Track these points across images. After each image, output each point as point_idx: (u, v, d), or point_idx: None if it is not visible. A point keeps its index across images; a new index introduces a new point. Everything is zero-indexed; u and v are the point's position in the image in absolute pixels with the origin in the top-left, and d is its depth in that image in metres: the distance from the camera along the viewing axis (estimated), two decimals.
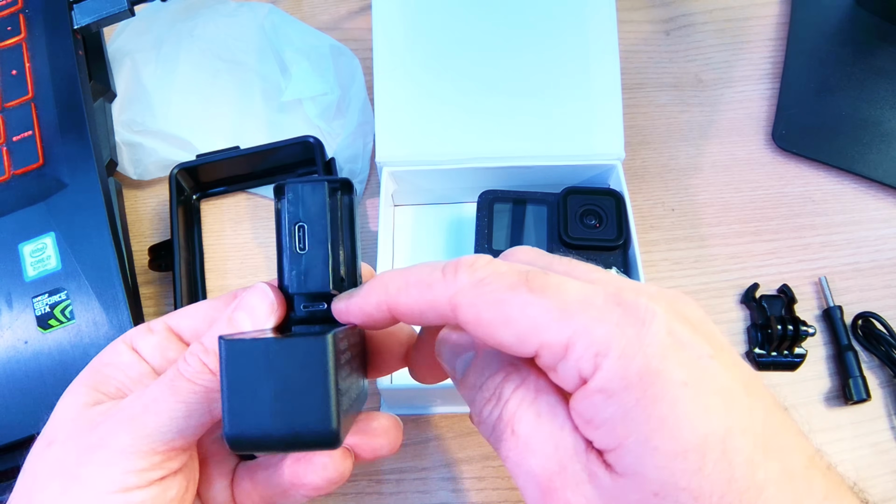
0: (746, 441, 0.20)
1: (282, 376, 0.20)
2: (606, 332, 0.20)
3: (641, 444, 0.20)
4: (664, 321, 0.21)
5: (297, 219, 0.24)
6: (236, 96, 0.50)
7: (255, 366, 0.20)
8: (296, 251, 0.24)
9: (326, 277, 0.24)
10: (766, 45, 0.52)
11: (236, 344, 0.20)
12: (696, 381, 0.20)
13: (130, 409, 0.24)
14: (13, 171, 0.42)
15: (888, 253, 0.46)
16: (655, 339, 0.20)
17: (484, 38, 0.45)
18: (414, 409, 0.41)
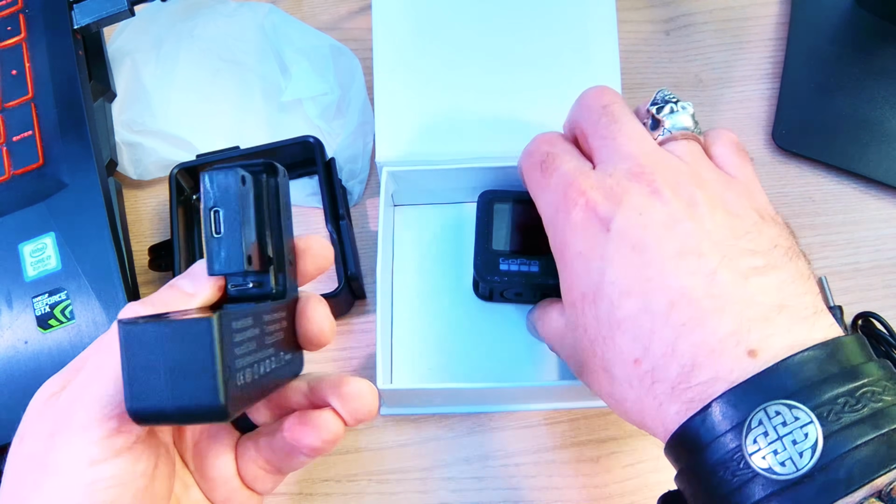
0: (612, 291, 0.28)
1: (173, 355, 0.21)
2: (550, 211, 0.32)
3: (563, 297, 0.32)
4: (583, 205, 0.30)
5: (211, 204, 0.25)
6: (236, 96, 0.50)
7: (149, 346, 0.22)
8: (212, 235, 0.25)
9: (240, 258, 0.25)
10: (766, 45, 0.52)
11: (131, 327, 0.22)
12: (588, 249, 0.29)
13: (80, 383, 0.25)
14: (13, 171, 0.42)
15: (888, 253, 0.46)
16: (572, 219, 0.30)
17: (484, 37, 0.45)
18: (414, 409, 0.41)
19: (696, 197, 0.29)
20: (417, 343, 0.43)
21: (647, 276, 0.27)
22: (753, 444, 0.23)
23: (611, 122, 0.32)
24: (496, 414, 0.41)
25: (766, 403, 0.23)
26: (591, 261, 0.29)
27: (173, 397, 0.21)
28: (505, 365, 0.42)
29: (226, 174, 0.25)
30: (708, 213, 0.28)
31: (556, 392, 0.40)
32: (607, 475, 0.39)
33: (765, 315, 0.26)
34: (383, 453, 0.41)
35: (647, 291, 0.27)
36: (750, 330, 0.25)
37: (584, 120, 0.33)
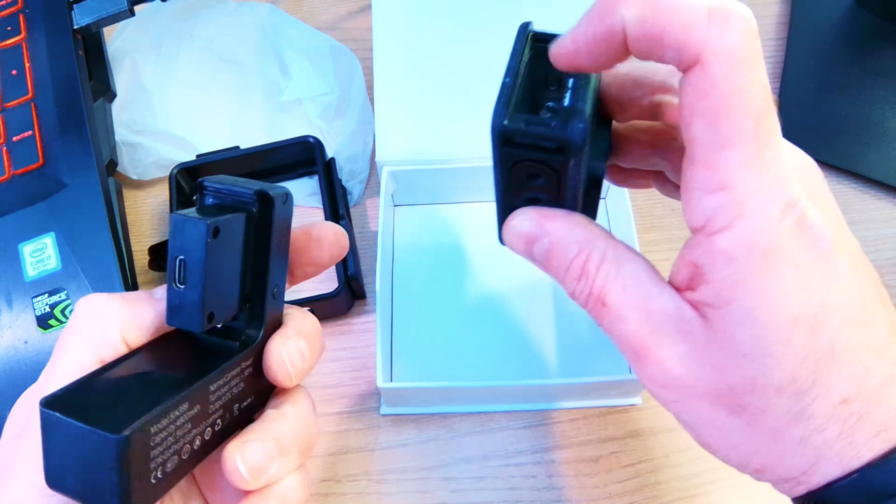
0: (835, 318, 0.23)
1: (83, 457, 0.21)
2: (759, 203, 0.22)
3: (744, 311, 0.23)
4: (800, 210, 0.23)
5: (176, 252, 0.24)
6: (236, 96, 0.50)
7: (62, 437, 0.21)
8: (174, 283, 0.24)
9: (198, 319, 0.24)
10: (766, 45, 0.52)
11: (49, 416, 0.21)
12: (807, 264, 0.23)
13: (42, 383, 0.24)
14: (13, 171, 0.42)
15: (888, 253, 0.46)
16: (787, 224, 0.23)
17: (483, 37, 0.45)
18: (414, 409, 0.41)
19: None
20: (417, 342, 0.43)
21: (864, 304, 0.24)
22: None
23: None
24: (496, 414, 0.41)
25: None
26: (812, 279, 0.23)
27: (81, 489, 0.21)
28: (505, 365, 0.42)
29: (195, 224, 0.23)
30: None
31: (556, 392, 0.40)
32: (607, 475, 0.39)
33: None
34: (383, 453, 0.41)
35: (866, 321, 0.24)
36: None
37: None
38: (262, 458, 0.25)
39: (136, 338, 0.25)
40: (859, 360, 0.23)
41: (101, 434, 0.20)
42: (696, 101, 0.22)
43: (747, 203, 0.22)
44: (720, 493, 0.38)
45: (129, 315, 0.25)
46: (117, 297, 0.25)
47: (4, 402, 0.37)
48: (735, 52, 0.21)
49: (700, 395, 0.24)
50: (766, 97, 0.22)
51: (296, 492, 0.26)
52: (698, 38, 0.21)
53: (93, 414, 0.21)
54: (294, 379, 0.27)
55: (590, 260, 0.25)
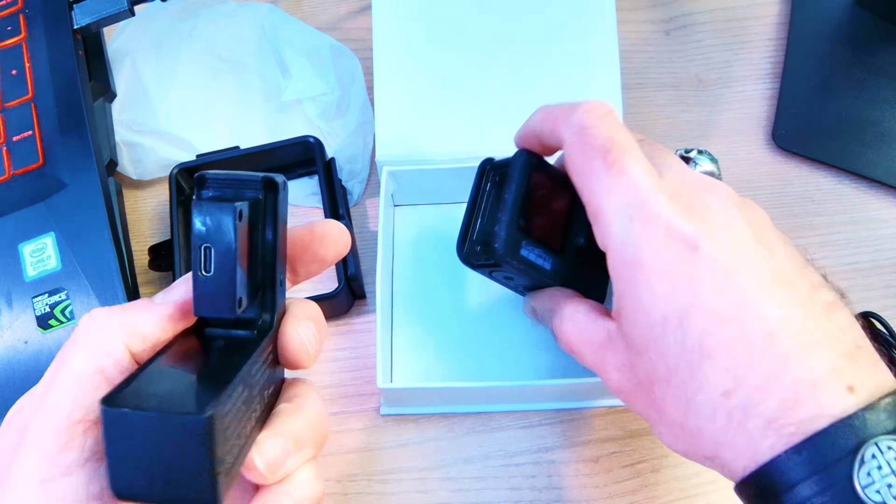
0: (703, 317, 0.26)
1: (161, 449, 0.20)
2: (617, 222, 0.27)
3: (630, 316, 0.28)
4: (667, 220, 0.27)
5: (202, 241, 0.23)
6: (236, 96, 0.50)
7: (134, 434, 0.20)
8: (200, 273, 0.23)
9: (231, 303, 0.24)
10: (766, 45, 0.52)
11: (116, 414, 0.20)
12: (673, 270, 0.26)
13: (38, 395, 0.24)
14: (13, 171, 0.42)
15: (888, 253, 0.46)
16: (650, 234, 0.27)
17: (484, 37, 0.45)
18: (414, 409, 0.41)
19: (758, 223, 0.28)
20: (417, 343, 0.43)
21: (743, 303, 0.26)
22: (867, 478, 0.23)
23: (652, 146, 0.31)
24: (496, 414, 0.41)
25: (877, 438, 0.23)
26: (678, 283, 0.26)
27: (162, 488, 0.20)
28: (505, 365, 0.42)
29: (221, 210, 0.23)
30: (774, 240, 0.28)
31: (556, 392, 0.40)
32: (607, 475, 0.39)
33: (850, 353, 0.26)
34: (383, 453, 0.41)
35: (743, 320, 0.25)
36: (845, 366, 0.25)
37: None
38: (280, 452, 0.25)
39: (140, 347, 0.25)
40: (736, 354, 0.25)
41: (184, 418, 0.20)
42: (567, 163, 0.30)
43: (611, 226, 0.27)
44: (720, 493, 0.38)
45: (131, 325, 0.25)
46: (118, 308, 0.25)
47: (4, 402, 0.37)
48: (580, 124, 0.29)
49: (634, 394, 0.29)
50: (613, 138, 0.28)
51: (310, 485, 0.26)
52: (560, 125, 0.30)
53: (163, 403, 0.20)
54: (312, 359, 0.27)
55: (555, 327, 0.33)
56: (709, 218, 0.27)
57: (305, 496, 0.26)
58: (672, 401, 0.27)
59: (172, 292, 0.26)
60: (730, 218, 0.27)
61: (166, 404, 0.20)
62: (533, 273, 0.33)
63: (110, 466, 0.21)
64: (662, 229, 0.26)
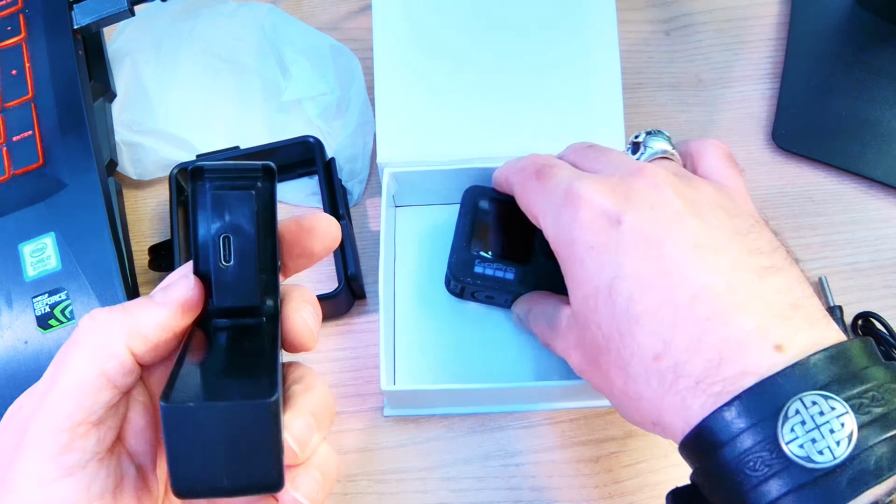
0: (629, 284, 0.28)
1: (227, 438, 0.20)
2: (552, 212, 0.32)
3: (572, 291, 0.31)
4: (590, 201, 0.30)
5: (219, 229, 0.23)
6: (236, 96, 0.50)
7: (200, 428, 0.20)
8: (220, 264, 0.23)
9: (254, 293, 0.23)
10: (766, 45, 0.52)
11: (179, 409, 0.20)
12: (600, 244, 0.29)
13: (39, 396, 0.24)
14: (13, 171, 0.42)
15: (888, 253, 0.46)
16: (578, 215, 0.30)
17: (484, 38, 0.45)
18: (415, 410, 0.41)
19: (695, 197, 0.30)
20: (419, 344, 0.43)
21: (666, 269, 0.27)
22: (791, 433, 0.24)
23: (598, 152, 0.34)
24: (496, 414, 0.41)
25: (802, 394, 0.24)
26: (604, 254, 0.29)
27: (228, 478, 0.20)
28: (506, 365, 0.42)
29: (241, 199, 0.23)
30: (710, 211, 0.29)
31: (556, 392, 0.40)
32: (607, 475, 0.39)
33: (784, 313, 0.26)
34: (383, 453, 0.41)
35: (667, 285, 0.27)
36: (774, 326, 0.26)
37: (572, 152, 0.36)
38: (306, 431, 0.25)
39: (142, 347, 0.24)
40: (662, 318, 0.27)
41: (253, 403, 0.20)
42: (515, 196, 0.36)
43: (546, 218, 0.32)
44: None
45: (132, 325, 0.24)
46: (118, 308, 0.25)
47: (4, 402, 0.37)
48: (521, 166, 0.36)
49: (589, 370, 0.31)
50: (543, 162, 0.34)
51: (331, 458, 0.26)
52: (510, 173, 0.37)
53: (224, 392, 0.21)
54: (316, 341, 0.28)
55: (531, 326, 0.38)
56: (632, 196, 0.29)
57: (330, 468, 0.26)
58: (614, 369, 0.29)
59: (171, 290, 0.25)
60: (657, 194, 0.29)
61: (228, 393, 0.21)
62: (496, 285, 0.40)
63: (173, 465, 0.21)
64: (587, 209, 0.30)
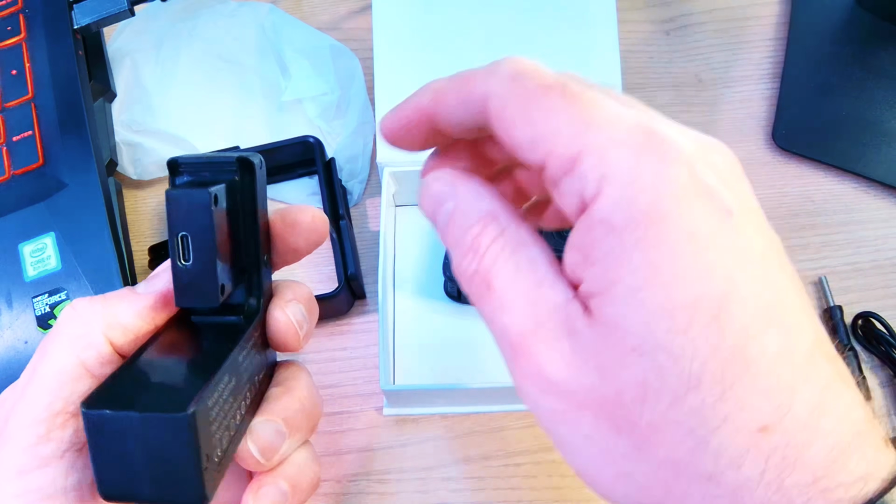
0: (746, 309, 0.18)
1: (145, 448, 0.20)
2: (621, 155, 0.18)
3: (630, 293, 0.18)
4: (690, 161, 0.18)
5: (178, 229, 0.22)
6: (236, 96, 0.50)
7: (117, 435, 0.20)
8: (179, 263, 0.23)
9: (214, 292, 0.23)
10: (766, 45, 0.52)
11: (97, 416, 0.20)
12: (706, 234, 0.18)
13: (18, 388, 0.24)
14: (13, 171, 0.42)
15: (888, 253, 0.46)
16: (674, 176, 0.18)
17: (484, 37, 0.45)
18: (414, 409, 0.41)
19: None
20: (418, 343, 0.43)
21: (785, 302, 0.19)
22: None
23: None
24: (496, 414, 0.41)
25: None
26: (715, 253, 0.18)
27: (150, 489, 0.20)
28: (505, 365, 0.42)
29: (195, 196, 0.22)
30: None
31: None
32: None
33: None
34: (383, 453, 0.41)
35: (787, 325, 0.18)
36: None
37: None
38: (274, 437, 0.24)
39: (122, 338, 0.24)
40: (781, 372, 0.18)
41: (166, 417, 0.19)
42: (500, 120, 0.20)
43: (603, 165, 0.18)
44: None
45: (112, 315, 0.24)
46: (99, 299, 0.25)
47: None
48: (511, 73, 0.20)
49: (583, 404, 0.19)
50: (562, 75, 0.20)
51: (307, 467, 0.25)
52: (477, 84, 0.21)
53: (144, 402, 0.20)
54: (302, 342, 0.26)
55: (484, 233, 0.20)
56: (732, 181, 0.19)
57: (302, 479, 0.25)
58: (671, 428, 0.18)
59: (154, 281, 0.25)
60: (747, 186, 0.20)
61: (149, 402, 0.20)
62: None
63: (96, 469, 0.20)
64: (687, 171, 0.18)
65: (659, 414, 0.18)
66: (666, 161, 0.18)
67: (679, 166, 0.18)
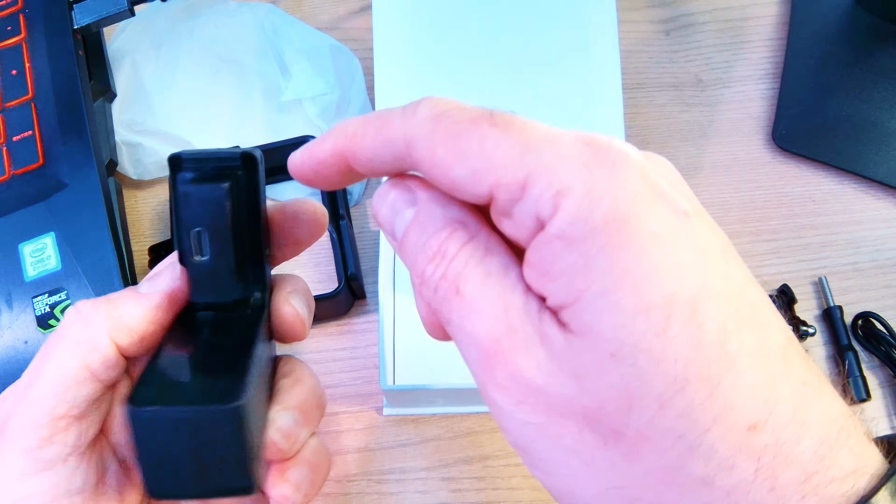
0: (720, 306, 0.17)
1: (194, 442, 0.20)
2: (571, 169, 0.18)
3: (601, 297, 0.17)
4: (640, 167, 0.18)
5: (192, 224, 0.22)
6: (236, 96, 0.50)
7: (166, 432, 0.20)
8: (192, 257, 0.22)
9: (232, 286, 0.23)
10: (766, 45, 0.52)
11: (149, 413, 0.20)
12: (670, 233, 0.18)
13: (21, 390, 0.23)
14: (13, 171, 0.42)
15: (888, 253, 0.46)
16: (628, 181, 0.18)
17: (484, 37, 0.45)
18: (414, 409, 0.41)
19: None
20: (418, 343, 0.43)
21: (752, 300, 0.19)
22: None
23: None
24: None
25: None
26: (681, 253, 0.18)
27: (199, 483, 0.20)
28: None
29: (210, 190, 0.22)
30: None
31: None
32: None
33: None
34: (383, 453, 0.41)
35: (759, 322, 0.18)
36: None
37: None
38: (293, 425, 0.24)
39: (127, 340, 0.24)
40: (762, 369, 0.17)
41: (219, 408, 0.20)
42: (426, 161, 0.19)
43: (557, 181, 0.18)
44: None
45: (117, 317, 0.24)
46: (103, 301, 0.25)
47: None
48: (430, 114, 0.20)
49: (563, 414, 0.18)
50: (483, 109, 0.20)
51: (321, 453, 0.26)
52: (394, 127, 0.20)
53: (190, 396, 0.20)
54: (307, 331, 0.27)
55: (451, 238, 0.20)
56: (675, 183, 0.19)
57: (320, 463, 0.25)
58: (660, 434, 0.17)
59: (158, 280, 0.25)
60: (690, 191, 0.20)
61: (196, 396, 0.20)
62: None
63: (143, 468, 0.20)
64: (640, 176, 0.18)
65: (646, 421, 0.17)
66: (618, 168, 0.18)
67: (631, 172, 0.18)
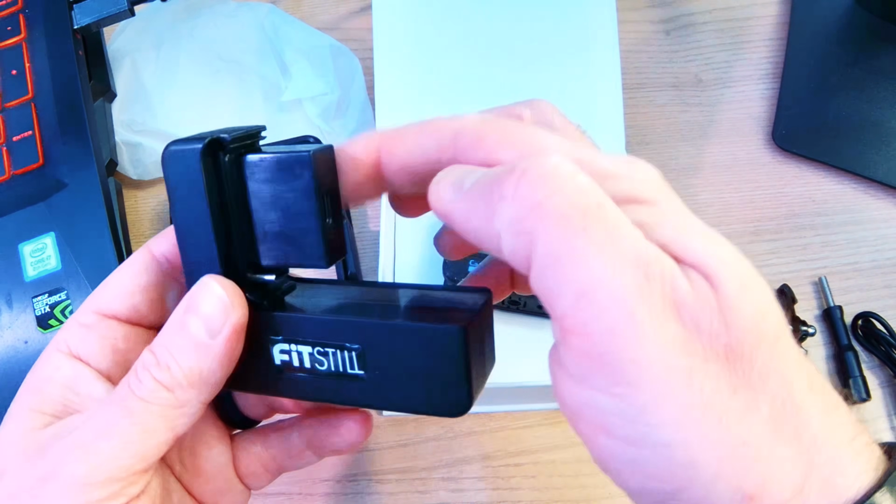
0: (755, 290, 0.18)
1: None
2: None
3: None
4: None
5: (325, 188, 0.23)
6: (236, 96, 0.50)
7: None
8: (328, 221, 0.23)
9: (345, 245, 0.24)
10: (766, 45, 0.52)
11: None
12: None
13: (81, 436, 0.22)
14: (13, 171, 0.42)
15: (888, 253, 0.46)
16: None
17: (484, 37, 0.45)
18: None
19: None
20: None
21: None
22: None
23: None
24: (496, 414, 0.41)
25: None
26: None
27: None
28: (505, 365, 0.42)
29: (328, 151, 0.23)
30: None
31: None
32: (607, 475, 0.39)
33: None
34: (383, 453, 0.41)
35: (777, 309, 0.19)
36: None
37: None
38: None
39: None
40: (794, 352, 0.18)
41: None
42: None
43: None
44: None
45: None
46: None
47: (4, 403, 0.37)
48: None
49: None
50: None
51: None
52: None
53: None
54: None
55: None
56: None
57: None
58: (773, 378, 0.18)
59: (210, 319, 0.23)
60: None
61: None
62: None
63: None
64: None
65: (763, 359, 0.17)
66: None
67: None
